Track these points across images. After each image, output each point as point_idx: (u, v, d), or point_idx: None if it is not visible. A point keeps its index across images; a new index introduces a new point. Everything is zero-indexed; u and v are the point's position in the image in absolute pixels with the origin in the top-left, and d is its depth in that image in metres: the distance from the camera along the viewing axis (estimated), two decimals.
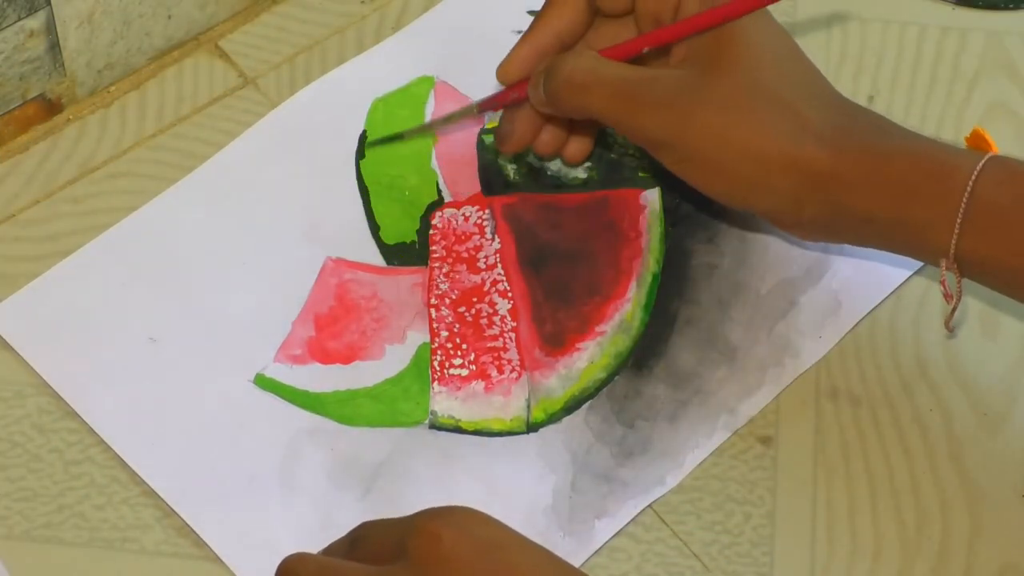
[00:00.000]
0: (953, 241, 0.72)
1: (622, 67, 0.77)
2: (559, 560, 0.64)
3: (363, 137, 0.87)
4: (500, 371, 0.79)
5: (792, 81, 0.75)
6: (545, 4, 0.81)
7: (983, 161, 0.72)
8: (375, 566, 0.64)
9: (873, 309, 0.83)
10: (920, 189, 0.73)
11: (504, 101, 0.81)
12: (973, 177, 0.71)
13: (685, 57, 0.77)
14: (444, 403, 0.79)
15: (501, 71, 0.80)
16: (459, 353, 0.80)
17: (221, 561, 0.74)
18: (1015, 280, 0.74)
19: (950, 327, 0.78)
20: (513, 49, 0.80)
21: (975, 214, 0.71)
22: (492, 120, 0.87)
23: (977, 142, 0.87)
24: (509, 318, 0.81)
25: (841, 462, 0.79)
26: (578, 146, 0.83)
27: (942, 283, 0.74)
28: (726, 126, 0.74)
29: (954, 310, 0.75)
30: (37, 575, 0.74)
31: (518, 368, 0.80)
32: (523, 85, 0.79)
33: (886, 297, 0.83)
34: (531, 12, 0.92)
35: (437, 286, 0.82)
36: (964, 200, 0.71)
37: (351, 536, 0.67)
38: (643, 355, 0.81)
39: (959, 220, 0.72)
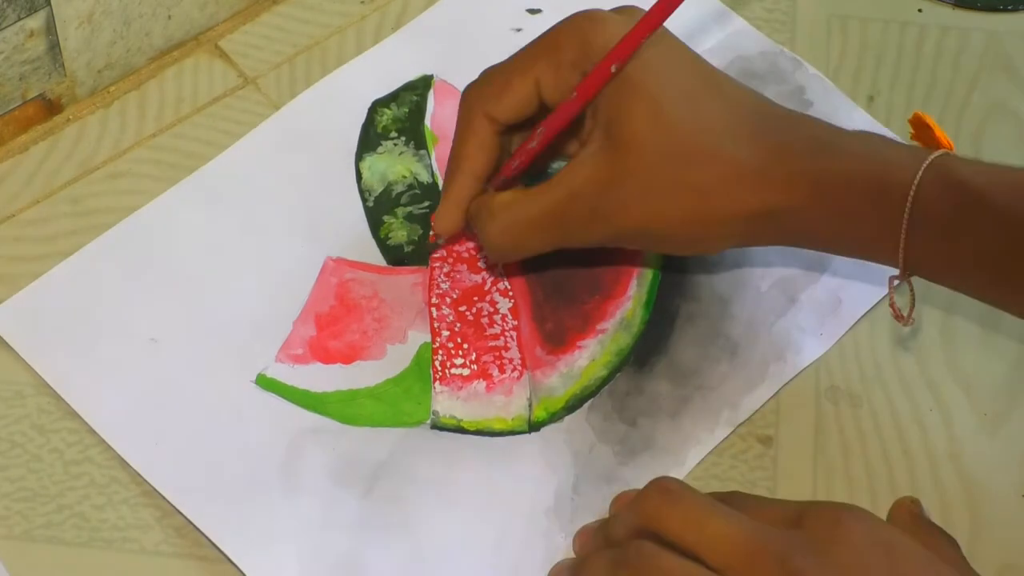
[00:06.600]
0: (900, 257, 0.72)
1: (537, 198, 0.75)
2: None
3: (363, 137, 0.87)
4: (501, 370, 0.79)
5: (706, 119, 0.73)
6: (454, 150, 0.77)
7: (919, 173, 0.71)
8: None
9: (873, 307, 0.83)
10: (861, 210, 0.72)
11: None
12: (912, 193, 0.70)
13: (591, 129, 0.74)
14: (446, 403, 0.79)
15: (438, 226, 0.78)
16: (460, 352, 0.80)
17: (221, 561, 0.74)
18: (968, 285, 0.73)
19: (910, 323, 0.76)
20: (441, 204, 0.77)
21: (919, 229, 0.71)
22: None
23: (919, 128, 0.87)
24: (510, 317, 0.81)
25: (841, 462, 0.79)
26: None
27: (891, 306, 0.74)
28: (656, 210, 0.73)
29: (910, 315, 0.74)
30: (37, 575, 0.74)
31: (519, 367, 0.79)
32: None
33: (886, 295, 0.83)
34: (531, 10, 0.92)
35: (438, 285, 0.82)
36: (905, 219, 0.71)
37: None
38: (644, 352, 0.81)
39: (903, 237, 0.71)
